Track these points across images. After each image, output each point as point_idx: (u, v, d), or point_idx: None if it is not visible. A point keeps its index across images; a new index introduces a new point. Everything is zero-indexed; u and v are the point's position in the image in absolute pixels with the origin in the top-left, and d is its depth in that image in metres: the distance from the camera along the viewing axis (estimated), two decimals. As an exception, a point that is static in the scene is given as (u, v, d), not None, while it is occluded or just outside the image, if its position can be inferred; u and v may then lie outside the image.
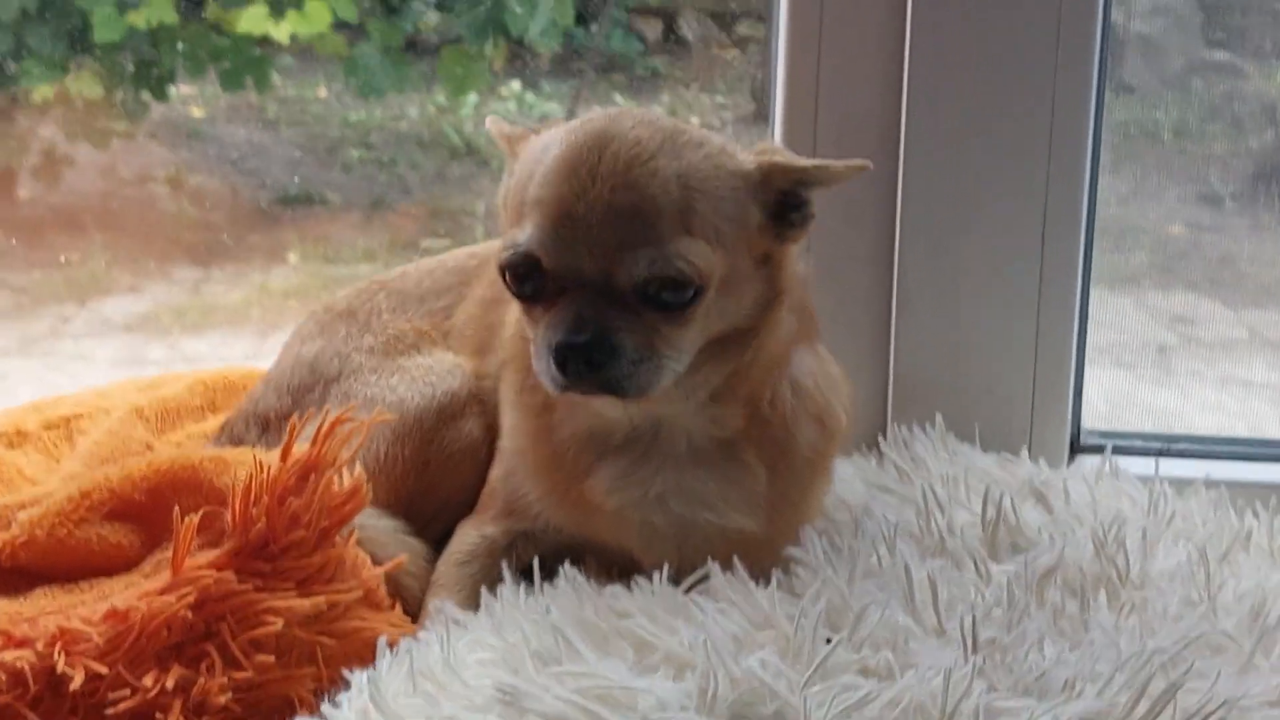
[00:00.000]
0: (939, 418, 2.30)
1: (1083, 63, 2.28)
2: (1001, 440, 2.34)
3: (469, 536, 1.99)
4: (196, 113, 3.53)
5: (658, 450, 1.87)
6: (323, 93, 3.59)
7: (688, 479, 1.87)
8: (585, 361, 1.68)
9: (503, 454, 2.01)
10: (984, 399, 2.37)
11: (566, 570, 1.82)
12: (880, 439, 2.31)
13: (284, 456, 1.80)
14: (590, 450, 1.89)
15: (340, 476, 1.83)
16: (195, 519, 1.75)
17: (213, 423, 2.31)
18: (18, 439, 2.32)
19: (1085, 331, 2.44)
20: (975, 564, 1.83)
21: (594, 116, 1.79)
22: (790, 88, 2.35)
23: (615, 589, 1.77)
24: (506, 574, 1.86)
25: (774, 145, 1.87)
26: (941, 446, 2.25)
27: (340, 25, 3.22)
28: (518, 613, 1.72)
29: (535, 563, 1.85)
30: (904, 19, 2.28)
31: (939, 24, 2.27)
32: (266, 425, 2.13)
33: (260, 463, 1.80)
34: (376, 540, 1.95)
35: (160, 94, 3.37)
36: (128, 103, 3.32)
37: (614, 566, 1.89)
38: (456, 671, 1.60)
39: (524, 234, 1.73)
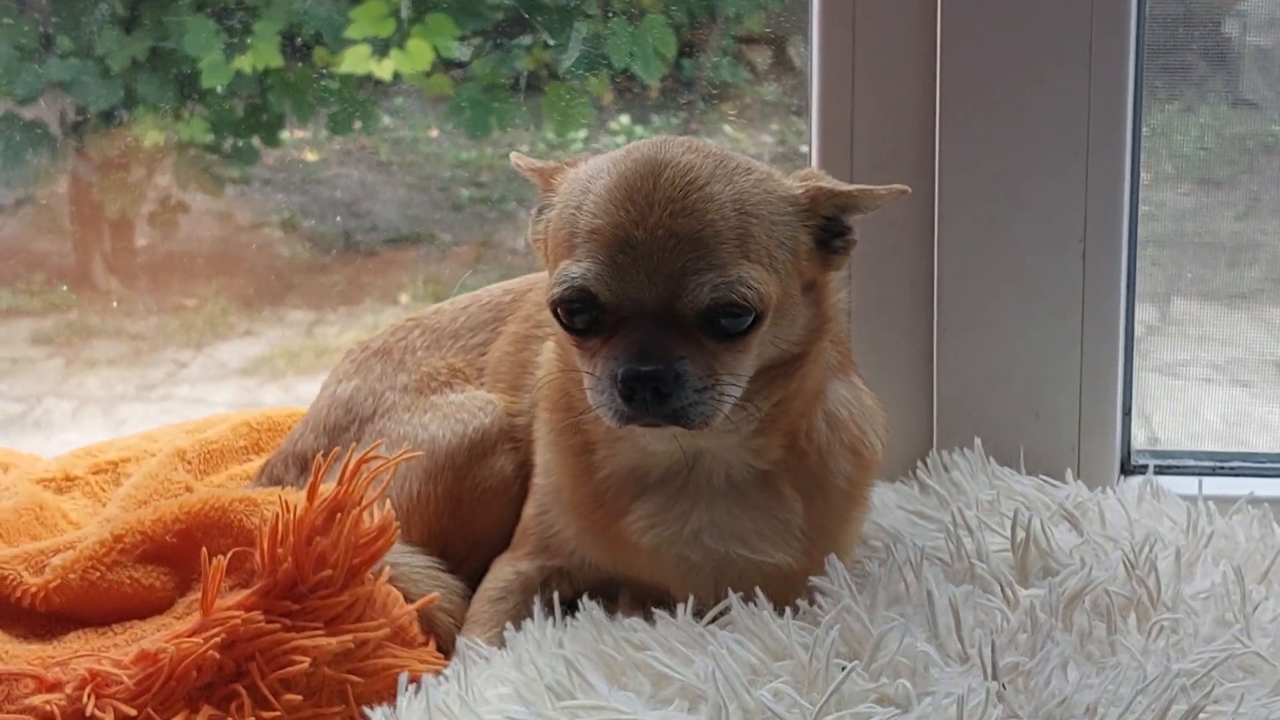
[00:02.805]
0: (978, 442, 2.26)
1: (1117, 72, 2.25)
2: (1049, 463, 2.30)
3: (504, 573, 1.98)
4: (310, 156, 3.53)
5: (695, 485, 1.85)
6: (434, 133, 3.58)
7: (723, 514, 1.84)
8: (653, 391, 1.65)
9: (537, 491, 2.00)
10: (1030, 422, 2.33)
11: (585, 604, 1.81)
12: (921, 465, 2.28)
13: (310, 496, 1.81)
14: (629, 488, 1.87)
15: (370, 514, 1.83)
16: (224, 560, 1.77)
17: (256, 464, 2.32)
18: (66, 484, 2.35)
19: (1131, 351, 2.39)
20: (1003, 588, 1.80)
21: (639, 145, 1.77)
22: (825, 118, 2.34)
23: (634, 621, 1.76)
24: (536, 609, 1.85)
25: (817, 171, 1.86)
26: (981, 471, 2.21)
27: (448, 64, 3.21)
28: (538, 647, 1.72)
29: (555, 597, 1.85)
30: (935, 43, 2.26)
31: (970, 46, 2.25)
32: (305, 465, 2.13)
33: (287, 503, 1.81)
34: (410, 577, 1.95)
35: (271, 139, 3.37)
36: (238, 148, 3.32)
37: (648, 601, 1.86)
38: (472, 707, 1.60)
39: (578, 266, 1.69)
